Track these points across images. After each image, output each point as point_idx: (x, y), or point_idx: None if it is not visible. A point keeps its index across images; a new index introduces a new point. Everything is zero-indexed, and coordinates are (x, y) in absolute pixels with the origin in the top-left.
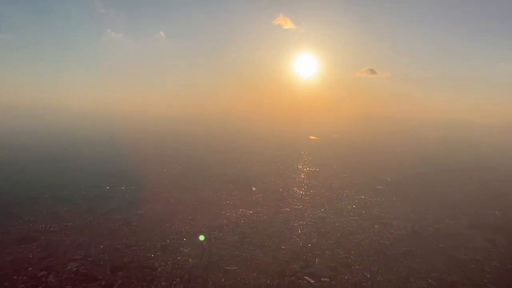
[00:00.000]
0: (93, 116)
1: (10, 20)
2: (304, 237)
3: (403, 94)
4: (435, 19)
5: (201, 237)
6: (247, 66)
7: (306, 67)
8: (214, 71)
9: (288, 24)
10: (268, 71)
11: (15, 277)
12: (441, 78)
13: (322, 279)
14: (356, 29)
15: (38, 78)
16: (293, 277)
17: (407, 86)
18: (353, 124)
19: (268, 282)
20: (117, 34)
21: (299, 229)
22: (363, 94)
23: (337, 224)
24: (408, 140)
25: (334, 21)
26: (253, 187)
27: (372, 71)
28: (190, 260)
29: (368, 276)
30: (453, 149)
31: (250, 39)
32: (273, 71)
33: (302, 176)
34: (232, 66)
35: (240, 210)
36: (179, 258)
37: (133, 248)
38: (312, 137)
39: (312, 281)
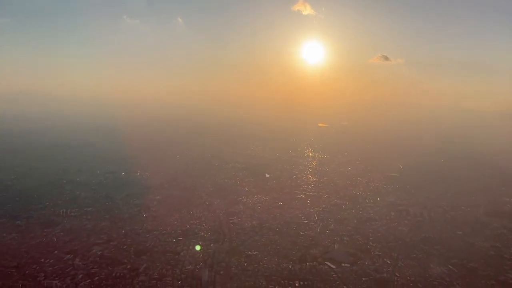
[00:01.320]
0: (104, 103)
1: (18, 3)
2: (321, 224)
3: (417, 81)
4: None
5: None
6: (263, 53)
7: (320, 54)
8: (230, 59)
9: (307, 10)
10: (283, 57)
11: (42, 260)
12: (457, 64)
13: (343, 264)
14: (374, 15)
15: (50, 65)
16: (314, 262)
17: (421, 72)
18: (363, 111)
19: (290, 267)
20: (133, 21)
21: (315, 215)
22: (376, 81)
23: (353, 210)
24: (420, 127)
25: (354, 7)
26: (266, 174)
27: (386, 58)
28: (212, 244)
29: (389, 262)
30: (467, 137)
31: (268, 26)
32: (287, 57)
33: (314, 164)
34: (248, 53)
35: (255, 196)
36: (200, 243)
37: (154, 232)
38: (321, 125)
39: (333, 267)
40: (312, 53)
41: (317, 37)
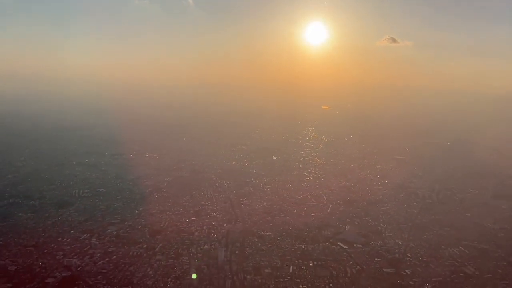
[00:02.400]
0: (110, 85)
1: None
2: (331, 205)
3: (425, 64)
4: None
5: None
6: (267, 35)
7: (324, 35)
8: (235, 42)
9: None
10: (286, 39)
11: (59, 239)
12: (467, 46)
13: (355, 245)
14: None
15: (55, 46)
16: (327, 243)
17: (429, 55)
18: (366, 94)
19: (303, 247)
20: (141, 1)
21: (325, 197)
22: (382, 64)
23: (362, 193)
24: (426, 110)
25: None
26: (273, 157)
27: (393, 40)
28: (225, 225)
29: (400, 243)
30: (474, 120)
31: (272, 7)
32: (289, 39)
33: (320, 146)
34: (252, 35)
35: (264, 178)
36: (213, 223)
37: (168, 213)
38: (325, 107)
39: (346, 247)
40: (316, 35)
41: (321, 18)
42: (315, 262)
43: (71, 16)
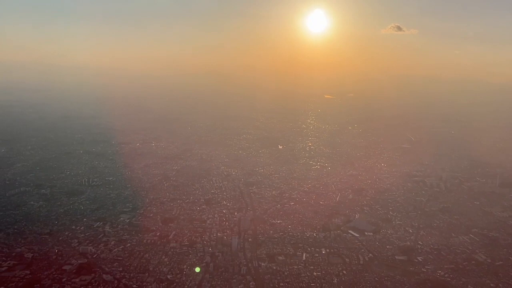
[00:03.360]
0: (113, 74)
1: None
2: (339, 194)
3: (430, 52)
4: None
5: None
6: (267, 23)
7: (325, 23)
8: (237, 28)
9: None
10: (287, 27)
11: (73, 227)
12: (474, 34)
13: (366, 233)
14: None
15: (60, 35)
16: (338, 231)
17: (435, 43)
18: (367, 83)
19: (315, 235)
20: None
21: (333, 185)
22: (387, 52)
23: (369, 181)
24: (429, 99)
25: None
26: (279, 146)
27: (399, 28)
28: (236, 213)
29: (410, 231)
30: (479, 109)
31: None
32: (291, 27)
33: (326, 135)
34: (253, 22)
35: (271, 167)
36: (224, 211)
37: (178, 201)
38: (327, 96)
39: (357, 235)
40: (319, 23)
41: (325, 6)
42: (328, 250)
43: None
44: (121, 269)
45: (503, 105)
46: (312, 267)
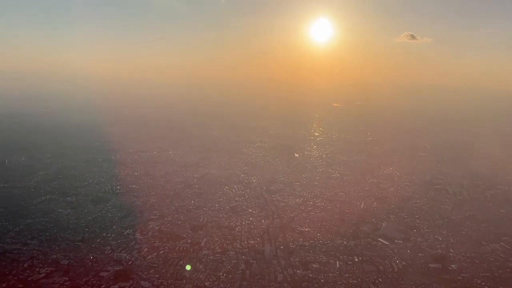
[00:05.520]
0: (116, 83)
1: None
2: (363, 202)
3: (444, 61)
4: None
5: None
6: (274, 32)
7: (329, 32)
8: (244, 38)
9: None
10: (293, 36)
11: (103, 234)
12: (488, 42)
13: (396, 241)
14: None
15: (76, 43)
16: (367, 239)
17: (449, 51)
18: (377, 91)
19: (345, 243)
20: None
21: (355, 193)
22: (400, 61)
23: (391, 189)
24: (442, 108)
25: None
26: (295, 154)
27: (412, 37)
28: (263, 221)
29: (440, 239)
30: (493, 118)
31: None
32: (297, 36)
33: (340, 143)
34: (263, 33)
35: (291, 175)
36: (251, 219)
37: (204, 209)
38: (335, 105)
39: (387, 243)
40: (325, 32)
41: (332, 15)
42: (360, 258)
43: (92, 10)
44: (157, 276)
45: None
46: (347, 275)
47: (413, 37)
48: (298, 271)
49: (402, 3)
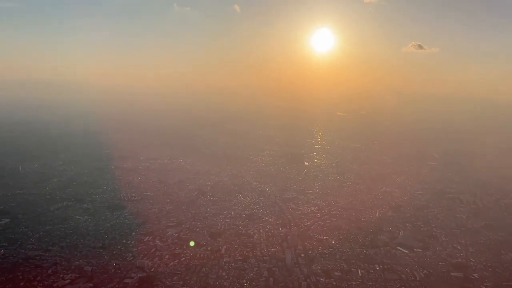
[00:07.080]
0: (120, 91)
1: None
2: (378, 210)
3: (451, 70)
4: None
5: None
6: (278, 41)
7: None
8: (250, 46)
9: None
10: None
11: (124, 241)
12: (497, 53)
13: (415, 249)
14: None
15: (92, 52)
16: (387, 247)
17: (456, 61)
18: (383, 101)
19: (365, 251)
20: (183, 8)
21: (369, 202)
22: (405, 70)
23: (405, 198)
24: (448, 117)
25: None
26: (305, 162)
27: (420, 46)
28: (280, 229)
29: (459, 247)
30: (497, 129)
31: (293, 12)
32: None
33: (348, 151)
34: (269, 43)
35: (303, 183)
36: (268, 227)
37: (221, 216)
38: (340, 114)
39: (406, 251)
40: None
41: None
42: (381, 266)
43: (108, 19)
44: (181, 283)
45: None
46: (370, 283)
47: (420, 47)
48: (321, 279)
49: (410, 14)
